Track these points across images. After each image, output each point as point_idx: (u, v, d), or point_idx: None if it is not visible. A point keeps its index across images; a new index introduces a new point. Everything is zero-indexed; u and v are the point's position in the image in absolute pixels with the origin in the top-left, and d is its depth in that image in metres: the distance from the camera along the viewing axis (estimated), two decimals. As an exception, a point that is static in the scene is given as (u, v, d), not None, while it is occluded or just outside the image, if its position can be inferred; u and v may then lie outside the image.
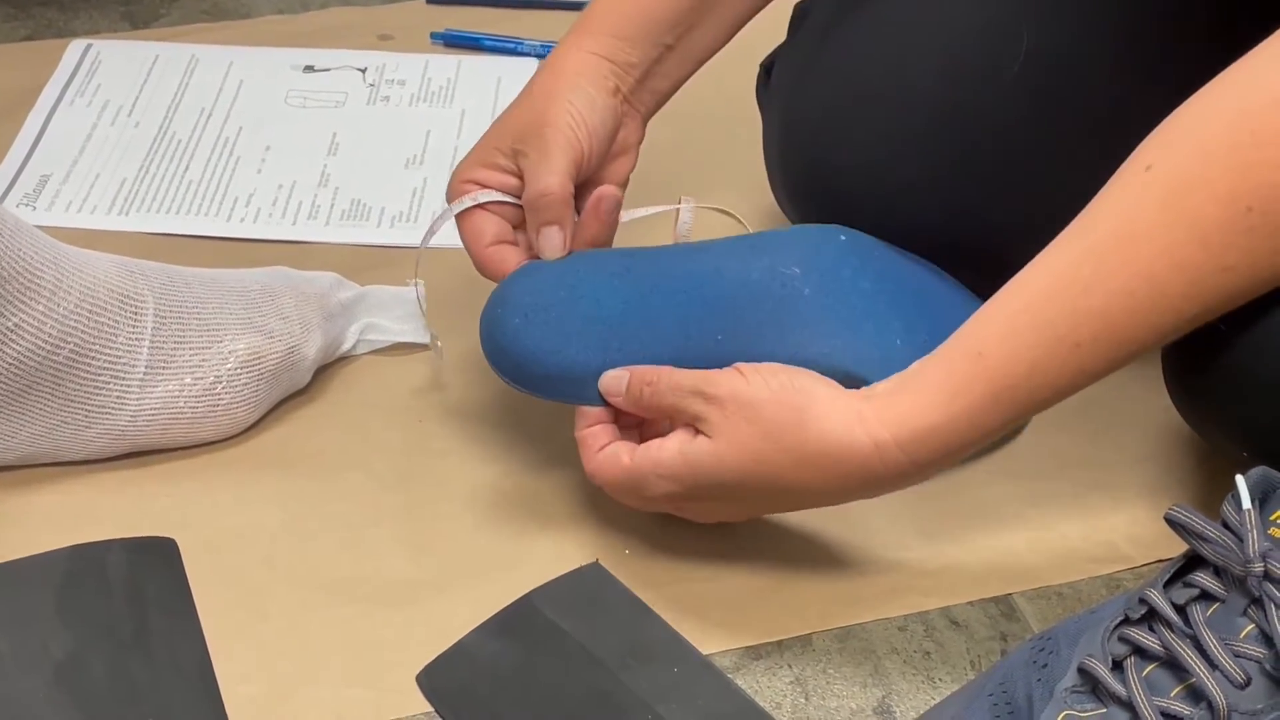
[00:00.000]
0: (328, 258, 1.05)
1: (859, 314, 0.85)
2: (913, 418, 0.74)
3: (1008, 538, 0.87)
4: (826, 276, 0.86)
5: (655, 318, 0.83)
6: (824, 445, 0.75)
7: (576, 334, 0.82)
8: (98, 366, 0.86)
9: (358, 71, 1.28)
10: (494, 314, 0.84)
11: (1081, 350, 0.72)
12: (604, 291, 0.84)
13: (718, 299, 0.84)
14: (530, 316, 0.82)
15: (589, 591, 0.82)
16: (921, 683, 0.79)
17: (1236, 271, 0.71)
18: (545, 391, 0.83)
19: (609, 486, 0.82)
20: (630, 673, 0.77)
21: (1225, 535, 0.65)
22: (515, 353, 0.82)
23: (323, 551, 0.85)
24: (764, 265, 0.86)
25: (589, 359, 0.82)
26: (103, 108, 1.22)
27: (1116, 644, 0.66)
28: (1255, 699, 0.63)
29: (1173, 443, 0.92)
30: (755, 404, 0.76)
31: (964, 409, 0.73)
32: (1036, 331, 0.73)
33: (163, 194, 1.13)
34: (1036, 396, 0.74)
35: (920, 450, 0.74)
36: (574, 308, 0.83)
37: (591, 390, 0.82)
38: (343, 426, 0.93)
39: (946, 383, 0.74)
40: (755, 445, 0.76)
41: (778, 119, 0.99)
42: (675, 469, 0.78)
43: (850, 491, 0.78)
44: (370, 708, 0.77)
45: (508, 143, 0.87)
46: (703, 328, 0.83)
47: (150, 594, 0.81)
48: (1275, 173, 0.69)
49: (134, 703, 0.75)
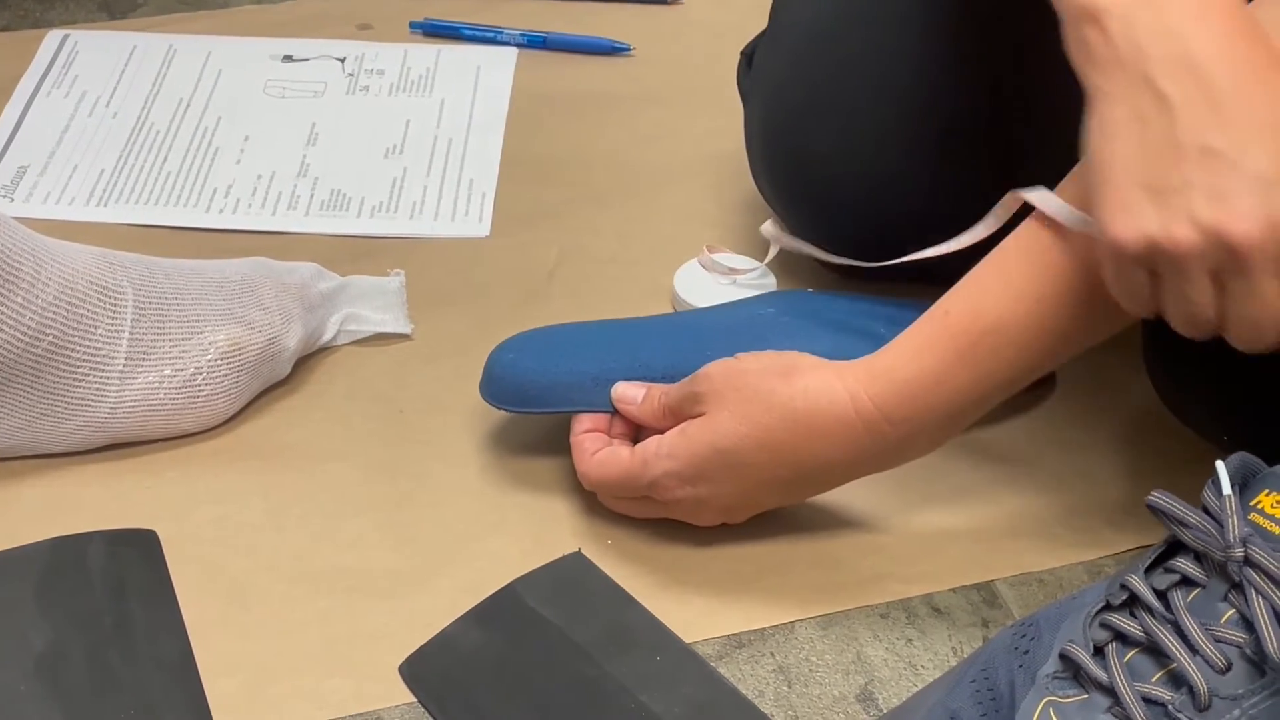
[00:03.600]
0: (307, 248, 1.05)
1: (838, 326, 0.89)
2: (884, 372, 0.76)
3: (989, 524, 0.87)
4: (802, 310, 0.92)
5: (643, 344, 0.87)
6: (808, 401, 0.77)
7: (569, 352, 0.86)
8: (77, 358, 0.85)
9: (337, 61, 1.28)
10: (487, 364, 0.88)
11: (1043, 305, 0.74)
12: (590, 334, 0.89)
13: (700, 334, 0.89)
14: (523, 350, 0.87)
15: (572, 581, 0.82)
16: (904, 670, 0.79)
17: None
18: (549, 402, 0.85)
19: (606, 485, 0.83)
20: (613, 661, 0.77)
21: (1206, 521, 0.65)
22: (513, 377, 0.86)
23: (304, 542, 0.85)
24: (739, 312, 0.92)
25: (586, 368, 0.85)
26: (80, 98, 1.22)
27: (1098, 630, 0.67)
28: (1236, 684, 0.63)
29: (1154, 429, 0.92)
30: (743, 372, 0.79)
31: (932, 365, 0.75)
32: (999, 288, 0.75)
33: (141, 185, 1.13)
34: (1001, 355, 0.75)
35: (892, 405, 0.76)
36: (565, 340, 0.88)
37: (593, 394, 0.85)
38: (323, 417, 0.93)
39: (915, 341, 0.77)
40: (747, 409, 0.78)
41: (759, 107, 0.99)
42: (675, 446, 0.80)
43: (835, 462, 0.79)
44: (352, 698, 0.77)
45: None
46: (690, 348, 0.86)
47: (131, 585, 0.81)
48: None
49: (114, 694, 0.75)
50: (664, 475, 0.80)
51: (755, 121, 1.00)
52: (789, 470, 0.80)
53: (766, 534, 0.85)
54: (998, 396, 0.78)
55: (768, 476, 0.80)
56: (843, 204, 0.94)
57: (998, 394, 0.77)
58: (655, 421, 0.83)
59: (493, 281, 1.04)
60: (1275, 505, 0.65)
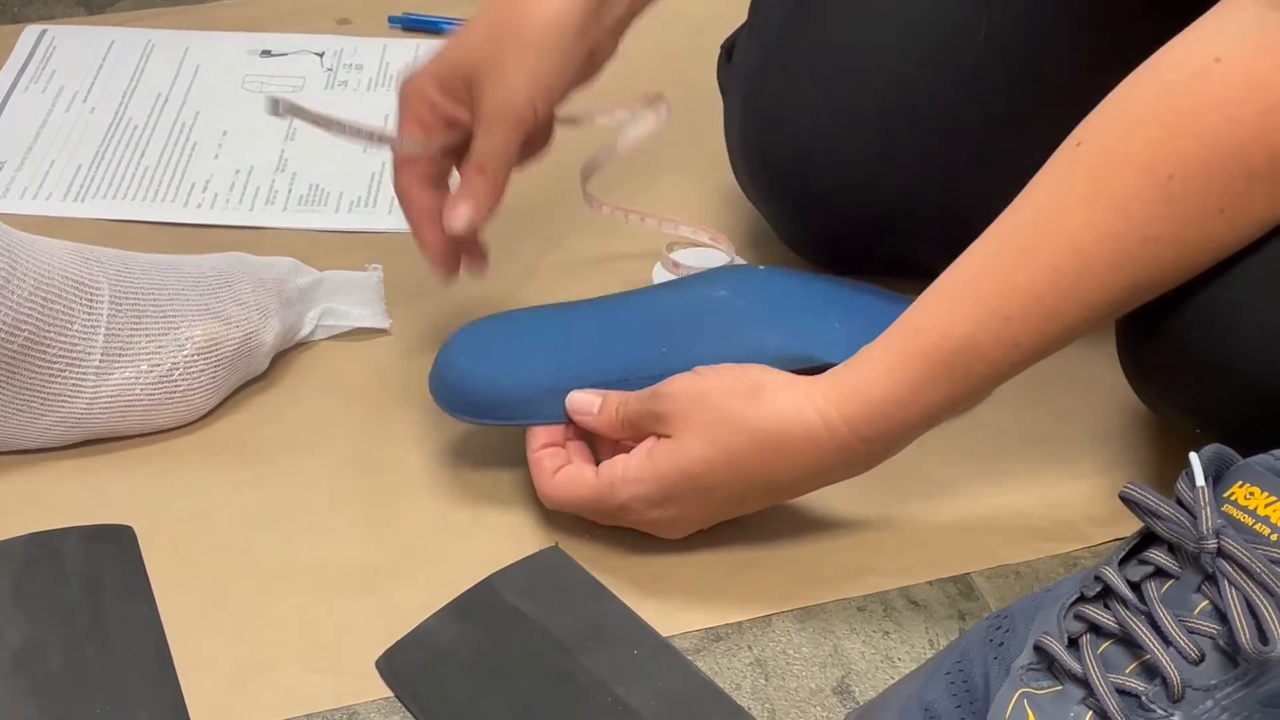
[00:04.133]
0: (285, 243, 1.05)
1: (794, 307, 0.89)
2: (857, 394, 0.76)
3: (966, 517, 0.87)
4: (755, 290, 0.90)
5: (598, 342, 0.86)
6: (779, 423, 0.76)
7: (523, 360, 0.85)
8: (53, 354, 0.85)
9: (315, 56, 1.28)
10: (440, 363, 0.86)
11: (1013, 324, 0.73)
12: (545, 329, 0.87)
13: (655, 322, 0.87)
14: (475, 355, 0.85)
15: (549, 575, 0.82)
16: (880, 662, 0.79)
17: (1161, 241, 0.72)
18: (502, 414, 0.84)
19: (571, 507, 0.82)
20: (590, 655, 0.77)
21: (1179, 512, 0.65)
22: (466, 386, 0.84)
23: (281, 537, 0.85)
24: (693, 295, 0.90)
25: (540, 378, 0.84)
26: (57, 94, 1.22)
27: (1072, 621, 0.67)
28: (1209, 675, 0.63)
29: (1130, 421, 0.92)
30: (709, 394, 0.78)
31: (905, 384, 0.75)
32: (969, 306, 0.74)
33: (119, 180, 1.12)
34: (975, 371, 0.75)
35: (865, 426, 0.75)
36: (517, 342, 0.86)
37: (548, 406, 0.84)
38: (301, 412, 0.93)
39: (886, 358, 0.76)
40: (715, 433, 0.77)
41: (739, 100, 0.99)
42: (642, 471, 0.79)
43: (805, 477, 0.79)
44: (330, 693, 0.77)
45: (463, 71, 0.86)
46: (646, 345, 0.86)
47: (107, 581, 0.81)
48: (1194, 142, 0.70)
49: (91, 690, 0.75)
50: (633, 499, 0.80)
51: (734, 114, 1.00)
52: (759, 487, 0.80)
53: (743, 528, 0.85)
54: (969, 405, 0.78)
55: (737, 494, 0.80)
56: (821, 196, 0.94)
57: (969, 403, 0.78)
58: (612, 432, 0.82)
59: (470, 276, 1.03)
60: (1248, 497, 0.65)
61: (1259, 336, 0.73)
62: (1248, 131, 0.69)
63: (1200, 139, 0.70)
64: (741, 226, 1.06)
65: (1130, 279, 0.73)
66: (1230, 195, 0.71)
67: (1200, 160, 0.70)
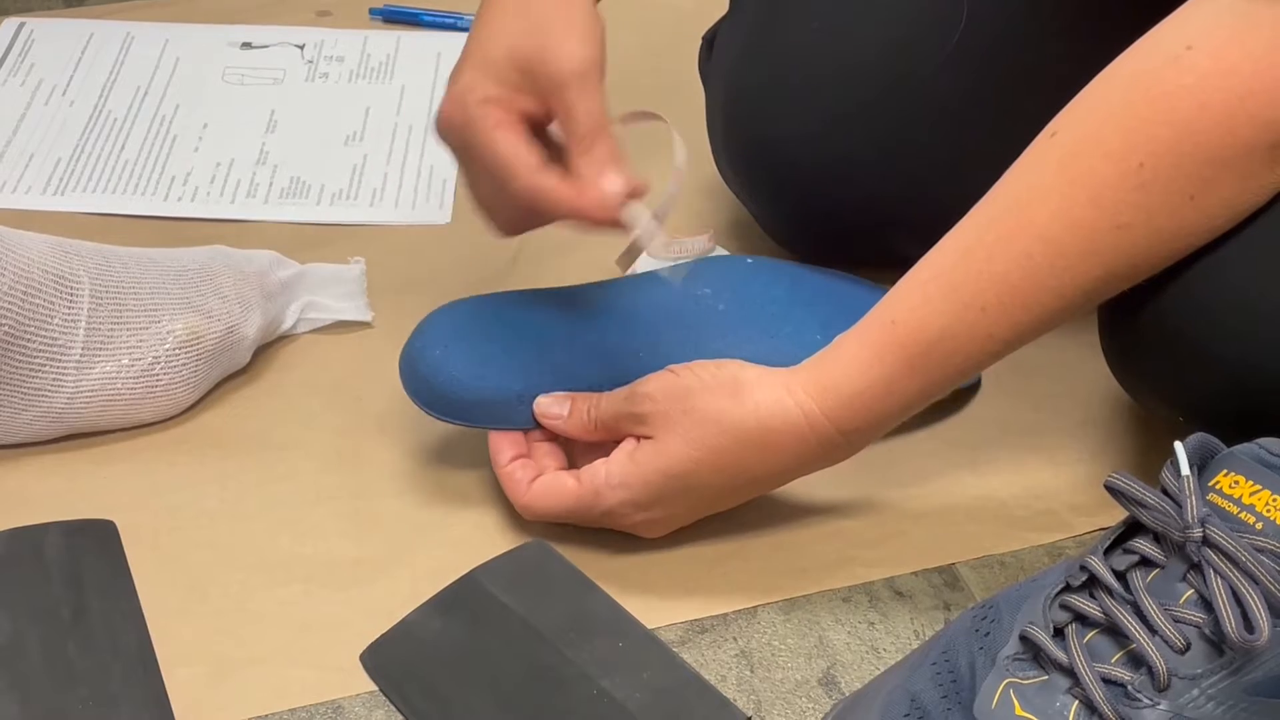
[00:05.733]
0: (267, 236, 1.04)
1: (775, 319, 0.89)
2: (834, 386, 0.76)
3: (951, 507, 0.87)
4: (738, 292, 0.90)
5: (574, 341, 0.85)
6: (762, 420, 0.76)
7: (498, 360, 0.83)
8: (33, 349, 0.85)
9: (296, 48, 1.27)
10: (413, 348, 0.85)
11: (988, 314, 0.73)
12: (522, 321, 0.85)
13: (635, 321, 0.87)
14: (450, 347, 0.83)
15: (533, 568, 0.82)
16: (866, 653, 0.79)
17: (1132, 229, 0.72)
18: (471, 418, 0.83)
19: (553, 514, 0.82)
20: (574, 648, 0.77)
21: (1164, 502, 0.65)
22: (438, 382, 0.83)
23: (263, 532, 0.85)
24: (676, 291, 0.89)
25: (512, 383, 0.83)
26: (37, 87, 1.21)
27: (1058, 611, 0.67)
28: (1195, 664, 0.63)
29: (1114, 410, 0.92)
30: (689, 393, 0.78)
31: (881, 375, 0.75)
32: (944, 297, 0.74)
33: (99, 173, 1.12)
34: (950, 362, 0.75)
35: (844, 417, 0.76)
36: (494, 336, 0.84)
37: (517, 412, 0.83)
38: (282, 406, 0.93)
39: (862, 351, 0.76)
40: (699, 433, 0.77)
41: (720, 92, 0.99)
42: (626, 475, 0.79)
43: (788, 469, 0.79)
44: (313, 688, 0.77)
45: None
46: (622, 347, 0.85)
47: (89, 576, 0.80)
48: (1165, 129, 0.70)
49: (72, 685, 0.74)
50: (619, 505, 0.79)
51: (716, 105, 1.00)
52: (743, 482, 0.79)
53: (728, 520, 0.84)
54: (944, 392, 0.78)
55: (723, 491, 0.80)
56: (803, 186, 0.94)
57: (944, 391, 0.78)
58: (584, 435, 0.81)
59: (454, 268, 1.03)
60: (1233, 485, 0.65)
61: (1240, 324, 0.73)
62: (1217, 118, 0.69)
63: (1171, 126, 0.70)
64: (723, 217, 1.06)
65: (1103, 268, 0.73)
66: (1200, 182, 0.71)
67: (1170, 147, 0.70)
